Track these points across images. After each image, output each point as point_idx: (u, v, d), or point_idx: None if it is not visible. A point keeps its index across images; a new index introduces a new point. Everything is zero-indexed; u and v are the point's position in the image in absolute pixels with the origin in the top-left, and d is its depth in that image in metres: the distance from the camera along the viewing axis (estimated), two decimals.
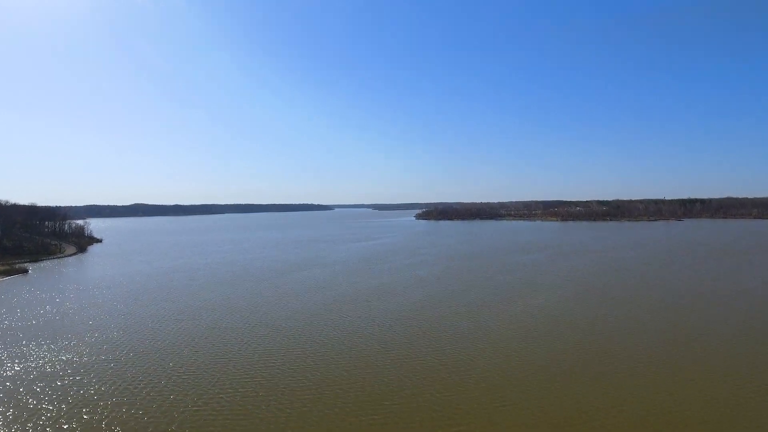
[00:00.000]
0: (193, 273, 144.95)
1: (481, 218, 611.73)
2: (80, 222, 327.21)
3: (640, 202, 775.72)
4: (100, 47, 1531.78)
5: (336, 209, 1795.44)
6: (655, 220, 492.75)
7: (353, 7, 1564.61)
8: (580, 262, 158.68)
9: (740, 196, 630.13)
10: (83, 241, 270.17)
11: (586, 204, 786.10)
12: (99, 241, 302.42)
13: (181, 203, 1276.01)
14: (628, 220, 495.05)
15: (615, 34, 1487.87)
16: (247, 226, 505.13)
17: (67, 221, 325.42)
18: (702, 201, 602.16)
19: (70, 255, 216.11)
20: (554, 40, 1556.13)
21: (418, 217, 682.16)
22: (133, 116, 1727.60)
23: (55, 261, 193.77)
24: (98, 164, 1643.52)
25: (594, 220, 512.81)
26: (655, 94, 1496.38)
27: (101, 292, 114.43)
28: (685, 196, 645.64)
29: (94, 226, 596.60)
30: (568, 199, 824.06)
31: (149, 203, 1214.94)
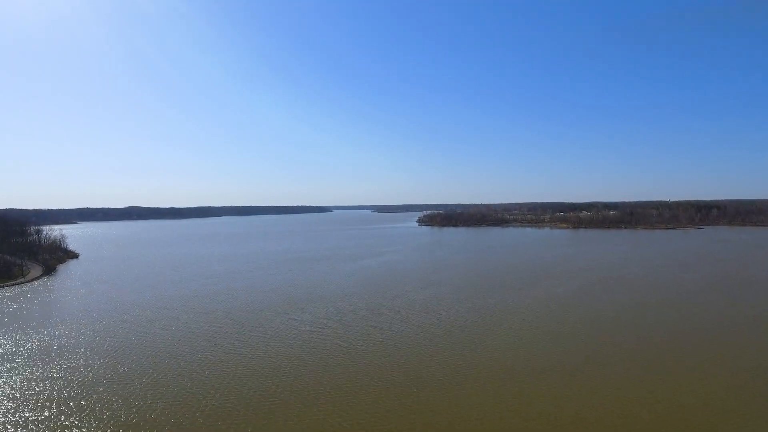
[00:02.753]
0: (158, 314, 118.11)
1: (487, 224, 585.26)
2: (57, 232, 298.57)
3: (652, 206, 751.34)
4: (98, 48, 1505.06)
5: (335, 211, 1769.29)
6: (673, 228, 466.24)
7: (354, 10, 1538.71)
8: (635, 297, 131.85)
9: (742, 198, 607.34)
10: (54, 259, 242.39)
11: (591, 206, 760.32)
12: (75, 256, 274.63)
13: (178, 206, 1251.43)
14: (644, 228, 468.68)
15: (614, 37, 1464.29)
16: (241, 234, 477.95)
17: (43, 231, 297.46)
18: (718, 207, 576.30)
19: (33, 279, 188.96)
20: (554, 43, 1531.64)
21: (421, 222, 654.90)
22: (130, 117, 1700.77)
23: (11, 290, 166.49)
24: (94, 166, 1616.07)
25: (607, 227, 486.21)
26: (653, 96, 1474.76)
27: (31, 353, 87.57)
28: (687, 198, 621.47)
29: (81, 232, 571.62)
30: (569, 201, 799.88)
31: (144, 206, 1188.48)
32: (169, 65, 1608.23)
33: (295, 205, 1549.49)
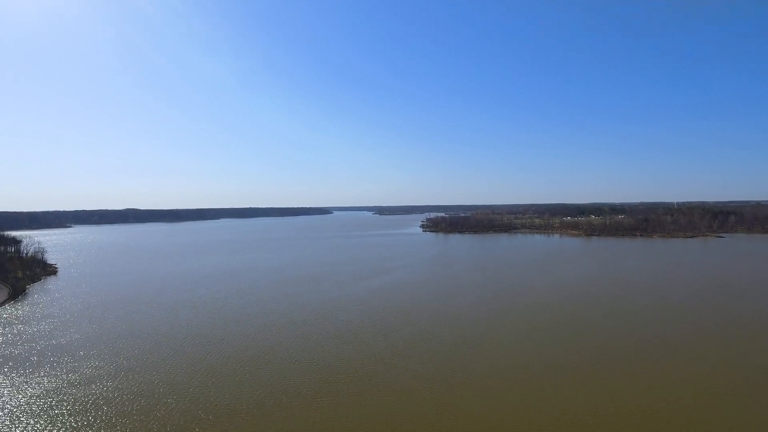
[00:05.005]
0: (118, 365, 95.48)
1: (495, 230, 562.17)
2: (37, 243, 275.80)
3: (657, 207, 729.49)
4: (97, 47, 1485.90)
5: (335, 212, 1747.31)
6: (692, 236, 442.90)
7: (355, 11, 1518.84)
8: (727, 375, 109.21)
9: (746, 200, 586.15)
10: (27, 277, 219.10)
11: (597, 209, 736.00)
12: (54, 272, 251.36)
13: (177, 207, 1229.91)
14: (660, 236, 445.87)
15: (613, 40, 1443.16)
16: (237, 243, 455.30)
17: (22, 241, 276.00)
18: (735, 212, 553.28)
19: None
20: (554, 43, 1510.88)
21: (425, 228, 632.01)
22: (129, 117, 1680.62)
23: None
24: (92, 167, 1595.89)
25: (621, 235, 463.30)
26: (653, 96, 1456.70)
27: None
28: (691, 199, 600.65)
29: (72, 238, 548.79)
30: (571, 202, 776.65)
31: (143, 208, 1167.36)
32: (169, 65, 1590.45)
33: (295, 206, 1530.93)
